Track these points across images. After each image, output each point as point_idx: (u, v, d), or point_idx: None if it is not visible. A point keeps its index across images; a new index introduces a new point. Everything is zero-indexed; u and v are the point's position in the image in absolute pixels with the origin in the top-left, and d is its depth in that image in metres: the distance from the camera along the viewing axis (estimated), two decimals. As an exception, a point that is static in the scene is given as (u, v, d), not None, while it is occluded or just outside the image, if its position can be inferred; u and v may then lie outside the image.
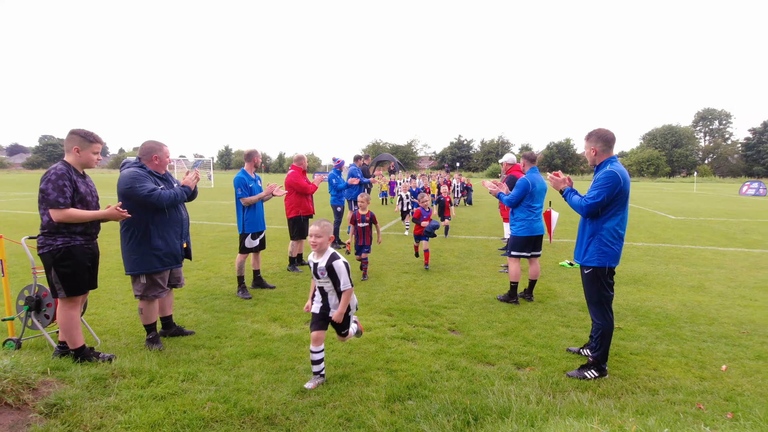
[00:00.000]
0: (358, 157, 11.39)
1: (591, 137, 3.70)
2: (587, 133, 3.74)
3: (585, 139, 3.77)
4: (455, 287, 6.51)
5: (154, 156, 4.15)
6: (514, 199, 5.62)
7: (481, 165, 72.19)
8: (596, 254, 3.64)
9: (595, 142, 3.67)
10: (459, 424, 2.81)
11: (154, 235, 4.13)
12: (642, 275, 7.28)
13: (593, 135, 3.69)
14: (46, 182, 3.54)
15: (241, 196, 5.80)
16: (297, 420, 3.02)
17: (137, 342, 4.35)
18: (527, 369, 3.89)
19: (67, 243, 3.61)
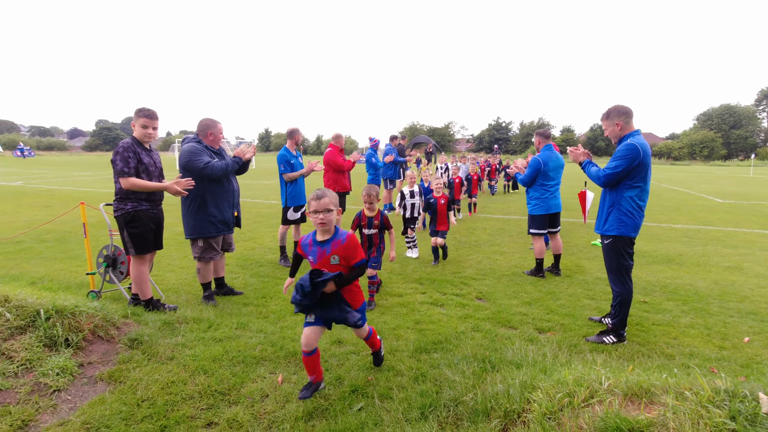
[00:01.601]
0: (394, 137, 11.66)
1: (612, 114, 3.81)
2: (605, 113, 3.86)
3: (605, 119, 3.88)
4: (485, 261, 6.76)
5: (209, 132, 4.62)
6: (527, 178, 5.77)
7: (519, 147, 70.38)
8: (616, 224, 3.80)
9: (618, 116, 3.79)
10: (478, 371, 3.13)
11: (209, 203, 4.64)
12: (676, 255, 7.23)
13: (614, 111, 3.80)
14: (115, 154, 4.09)
15: (283, 172, 6.25)
16: (335, 363, 3.44)
17: (195, 298, 4.93)
18: (548, 333, 4.14)
19: (135, 207, 4.18)
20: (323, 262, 2.92)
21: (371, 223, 4.81)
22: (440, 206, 6.59)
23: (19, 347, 2.88)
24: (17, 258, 6.55)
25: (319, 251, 2.93)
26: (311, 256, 2.97)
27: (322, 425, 2.65)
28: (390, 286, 5.48)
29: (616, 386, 2.19)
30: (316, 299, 2.81)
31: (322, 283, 2.76)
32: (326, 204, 2.83)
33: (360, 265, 2.95)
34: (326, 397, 2.97)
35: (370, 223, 4.81)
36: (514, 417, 2.35)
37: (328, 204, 2.84)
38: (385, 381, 3.15)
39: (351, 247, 2.92)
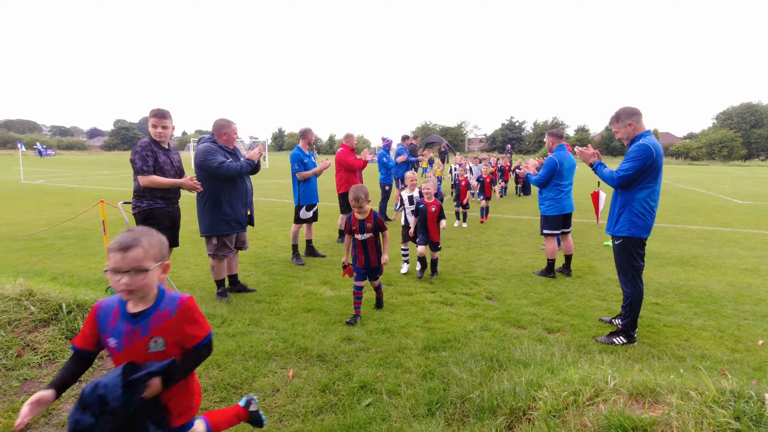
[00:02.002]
0: (406, 137, 11.69)
1: (621, 116, 3.79)
2: (614, 116, 3.85)
3: (614, 122, 3.86)
4: (495, 261, 6.76)
5: (223, 132, 4.73)
6: (542, 179, 5.73)
7: (533, 147, 69.77)
8: (627, 225, 3.79)
9: (629, 117, 3.77)
10: (485, 369, 3.16)
11: (223, 202, 4.75)
12: (691, 257, 7.13)
13: (623, 113, 3.79)
14: (134, 153, 4.22)
15: (297, 171, 6.34)
16: (344, 359, 3.51)
17: (209, 294, 5.04)
18: (557, 334, 4.15)
19: (150, 205, 4.31)
20: (135, 349, 1.67)
21: (363, 227, 4.32)
22: (430, 214, 5.78)
23: (43, 339, 3.00)
24: (40, 254, 6.78)
25: (127, 331, 1.67)
26: (113, 339, 1.67)
27: (331, 419, 2.71)
28: (400, 285, 5.53)
29: (622, 386, 2.20)
30: (126, 414, 1.53)
31: (140, 383, 1.57)
32: (135, 260, 1.60)
33: (203, 346, 1.78)
34: (336, 392, 3.03)
35: (363, 227, 4.32)
36: (519, 414, 2.38)
37: (139, 260, 1.61)
38: (394, 378, 3.21)
39: (187, 319, 1.74)
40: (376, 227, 4.39)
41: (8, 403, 2.58)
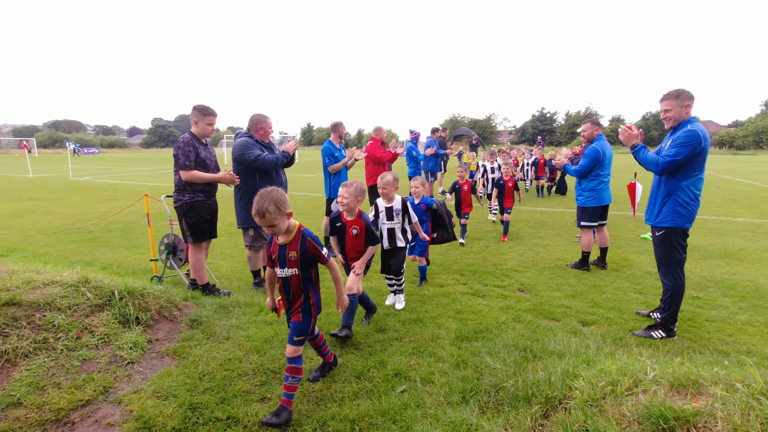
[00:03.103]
0: (435, 129, 11.65)
1: (682, 95, 3.57)
2: (674, 92, 3.61)
3: (673, 98, 3.62)
4: (527, 254, 6.68)
5: (259, 127, 4.87)
6: (585, 169, 5.58)
7: (565, 139, 67.74)
8: (670, 215, 3.66)
9: (687, 98, 3.59)
10: (519, 360, 3.17)
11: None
12: (736, 250, 6.81)
13: (684, 93, 3.57)
14: (176, 149, 4.41)
15: (328, 164, 6.45)
16: (378, 348, 3.58)
17: (246, 285, 5.23)
18: (592, 326, 4.08)
19: (192, 199, 4.50)
20: None
21: (284, 256, 2.77)
22: None
23: (98, 323, 3.22)
24: (89, 246, 7.19)
25: None
26: None
27: (367, 404, 2.79)
28: (431, 277, 5.56)
29: (662, 377, 2.17)
30: None
31: None
32: None
33: None
34: (370, 379, 3.11)
35: (282, 256, 2.78)
36: (555, 403, 2.38)
37: None
38: (427, 366, 3.26)
39: None
40: (305, 257, 2.77)
41: (71, 381, 2.79)
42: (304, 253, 2.74)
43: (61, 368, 2.85)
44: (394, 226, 4.31)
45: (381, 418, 2.65)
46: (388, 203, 4.29)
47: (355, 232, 3.76)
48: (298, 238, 2.74)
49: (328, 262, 2.83)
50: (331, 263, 2.88)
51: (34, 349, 2.90)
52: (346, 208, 3.71)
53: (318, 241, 2.78)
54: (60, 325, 3.08)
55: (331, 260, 2.86)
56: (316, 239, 2.77)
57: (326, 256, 2.82)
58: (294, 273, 2.76)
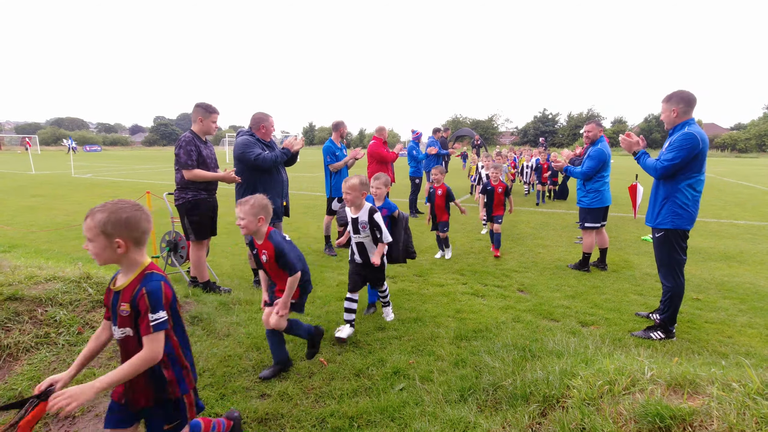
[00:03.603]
0: (437, 129, 11.64)
1: (672, 98, 3.65)
2: (667, 95, 3.69)
3: (664, 102, 3.72)
4: (527, 254, 6.69)
5: (261, 125, 4.89)
6: (591, 171, 5.58)
7: (567, 140, 67.69)
8: (670, 216, 3.67)
9: (677, 103, 3.63)
10: (518, 359, 3.18)
11: (260, 192, 4.91)
12: (737, 253, 6.81)
13: (675, 96, 3.64)
14: (178, 148, 4.43)
15: (329, 163, 6.47)
16: (377, 346, 3.60)
17: (246, 282, 5.25)
18: (591, 327, 4.09)
19: (195, 196, 4.52)
20: None
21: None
22: None
23: (100, 318, 3.24)
24: (90, 242, 7.22)
25: None
26: None
27: (366, 402, 2.80)
28: (431, 276, 5.57)
29: (659, 376, 2.18)
30: None
31: None
32: None
33: None
34: (369, 376, 3.12)
35: None
36: (553, 402, 2.39)
37: None
38: (426, 365, 3.27)
39: None
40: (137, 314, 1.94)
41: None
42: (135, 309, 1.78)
43: (63, 363, 2.88)
44: (362, 240, 3.74)
45: (379, 415, 2.67)
46: (354, 212, 3.69)
47: (264, 258, 2.97)
48: (136, 284, 1.81)
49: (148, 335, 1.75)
50: None
51: (36, 343, 2.93)
52: (246, 231, 2.92)
53: (157, 296, 1.77)
54: (61, 320, 3.11)
55: None
56: (157, 292, 1.78)
57: None
58: (127, 334, 1.81)
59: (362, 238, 3.73)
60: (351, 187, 3.59)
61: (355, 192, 3.60)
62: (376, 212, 3.68)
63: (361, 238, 3.74)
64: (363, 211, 3.67)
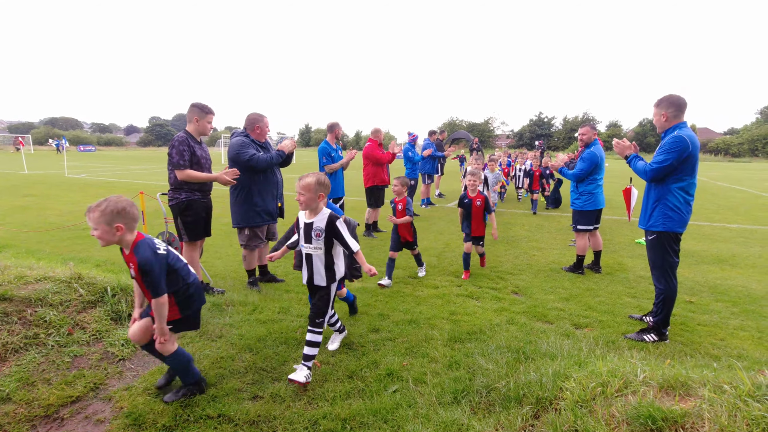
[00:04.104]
0: (432, 132, 11.68)
1: (662, 103, 3.69)
2: (657, 100, 3.73)
3: (655, 106, 3.76)
4: (522, 257, 6.70)
5: (256, 126, 4.87)
6: (584, 173, 5.61)
7: (562, 144, 68.06)
8: (661, 219, 3.69)
9: (667, 107, 3.66)
10: (511, 361, 3.18)
11: (254, 194, 4.90)
12: (729, 256, 6.86)
13: (664, 100, 3.68)
14: (171, 148, 4.40)
15: (325, 164, 6.46)
16: (371, 348, 3.58)
17: (240, 284, 5.22)
18: (585, 329, 4.10)
19: (188, 197, 4.48)
20: None
21: None
22: None
23: (91, 319, 3.21)
24: (84, 243, 7.16)
25: None
26: None
27: (359, 404, 2.79)
28: (426, 278, 5.57)
29: (652, 378, 2.18)
30: None
31: None
32: None
33: None
34: (363, 378, 3.11)
35: None
36: (546, 404, 2.39)
37: None
38: (420, 367, 3.26)
39: None
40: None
41: (61, 377, 2.78)
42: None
43: (52, 364, 2.84)
44: (312, 251, 3.09)
45: (372, 417, 2.65)
46: (309, 217, 3.06)
47: (132, 273, 2.61)
48: None
49: None
50: None
51: (25, 344, 2.89)
52: (103, 243, 2.56)
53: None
54: (51, 320, 3.07)
55: None
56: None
57: None
58: None
59: (312, 249, 3.07)
60: (305, 187, 2.98)
61: (310, 193, 3.00)
62: (339, 219, 3.08)
63: (311, 249, 3.08)
64: (320, 216, 3.07)
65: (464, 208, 5.63)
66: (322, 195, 3.04)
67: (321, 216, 3.06)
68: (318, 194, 3.02)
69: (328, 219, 3.03)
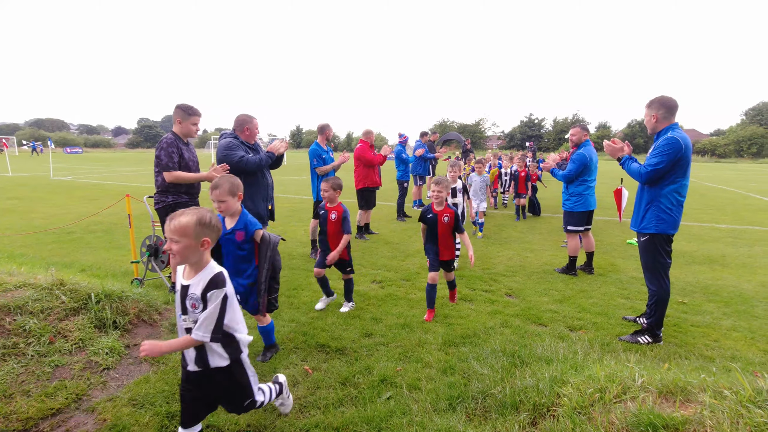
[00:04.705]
0: (424, 133, 11.64)
1: (653, 104, 3.68)
2: (649, 101, 3.72)
3: (646, 107, 3.75)
4: (515, 258, 6.68)
5: (245, 127, 4.78)
6: (572, 174, 5.60)
7: (553, 145, 68.62)
8: (654, 221, 3.68)
9: (657, 108, 3.65)
10: (507, 365, 3.13)
11: (245, 197, 4.78)
12: (720, 256, 6.91)
13: (655, 102, 3.67)
14: (159, 150, 4.29)
15: (316, 166, 6.38)
16: (364, 353, 3.51)
17: (230, 288, 5.11)
18: (580, 331, 4.07)
19: (175, 200, 4.38)
20: None
21: None
22: None
23: (73, 327, 3.09)
24: (69, 247, 6.99)
25: None
26: None
27: (351, 412, 2.72)
28: (419, 280, 5.51)
29: (650, 383, 2.15)
30: None
31: None
32: None
33: None
34: (356, 385, 3.04)
35: None
36: (543, 410, 2.34)
37: None
38: (414, 372, 3.20)
39: None
40: None
41: (41, 388, 2.67)
42: None
43: (32, 375, 2.73)
44: (191, 325, 2.04)
45: (366, 426, 2.58)
46: (187, 276, 2.06)
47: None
48: None
49: None
50: None
51: (3, 354, 2.77)
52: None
53: None
54: (31, 329, 2.95)
55: None
56: None
57: None
58: None
59: (193, 323, 2.02)
60: (180, 231, 1.94)
61: (187, 239, 1.95)
62: (221, 287, 1.99)
63: (191, 324, 2.03)
64: (203, 276, 2.00)
65: (428, 225, 4.32)
66: (207, 242, 2.00)
67: (204, 275, 2.00)
68: (201, 240, 1.98)
69: (208, 283, 1.98)
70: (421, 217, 4.37)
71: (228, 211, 3.01)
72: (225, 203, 2.97)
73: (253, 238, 3.10)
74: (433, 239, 4.29)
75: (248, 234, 3.08)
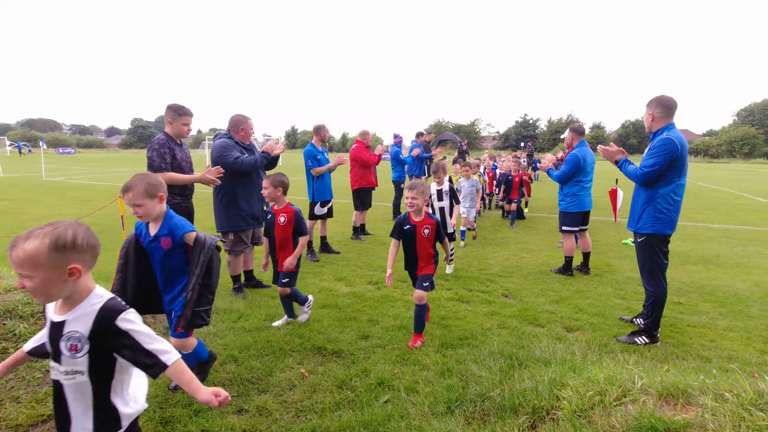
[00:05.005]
0: (420, 133, 11.61)
1: (651, 103, 3.68)
2: (649, 100, 3.73)
3: (646, 106, 3.76)
4: (511, 259, 6.67)
5: (240, 128, 4.74)
6: (565, 174, 5.60)
7: (547, 145, 68.93)
8: (651, 221, 3.67)
9: (654, 107, 3.65)
10: (505, 367, 3.11)
11: (239, 197, 4.75)
12: (714, 256, 6.94)
13: (654, 101, 3.67)
14: (151, 151, 4.23)
15: (311, 167, 6.34)
16: (360, 356, 3.48)
17: (224, 290, 5.05)
18: (577, 332, 4.06)
19: (168, 201, 4.30)
20: None
21: None
22: None
23: (64, 331, 3.03)
24: (60, 249, 6.89)
25: None
26: None
27: (349, 416, 2.68)
28: (415, 282, 5.48)
29: (650, 386, 2.13)
30: None
31: None
32: None
33: None
34: (353, 388, 3.00)
35: None
36: (542, 414, 2.32)
37: None
38: (411, 375, 3.17)
39: None
40: None
41: (32, 394, 2.61)
42: None
43: (21, 380, 2.67)
44: (62, 378, 1.53)
45: (364, 430, 2.55)
46: (60, 312, 1.51)
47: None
48: None
49: None
50: None
51: (-8, 360, 2.71)
52: None
53: None
54: (22, 333, 2.89)
55: None
56: None
57: None
58: None
59: (63, 373, 1.53)
60: (25, 263, 1.37)
61: (41, 271, 1.38)
62: (124, 314, 1.51)
63: (60, 375, 1.54)
64: (82, 310, 1.50)
65: (405, 240, 3.71)
66: (76, 269, 1.45)
67: (84, 309, 1.50)
68: (65, 269, 1.43)
69: (97, 316, 1.48)
70: (396, 230, 3.66)
71: (148, 215, 2.54)
72: (142, 207, 2.49)
73: (185, 242, 2.62)
74: (412, 253, 3.73)
75: (176, 239, 2.59)
